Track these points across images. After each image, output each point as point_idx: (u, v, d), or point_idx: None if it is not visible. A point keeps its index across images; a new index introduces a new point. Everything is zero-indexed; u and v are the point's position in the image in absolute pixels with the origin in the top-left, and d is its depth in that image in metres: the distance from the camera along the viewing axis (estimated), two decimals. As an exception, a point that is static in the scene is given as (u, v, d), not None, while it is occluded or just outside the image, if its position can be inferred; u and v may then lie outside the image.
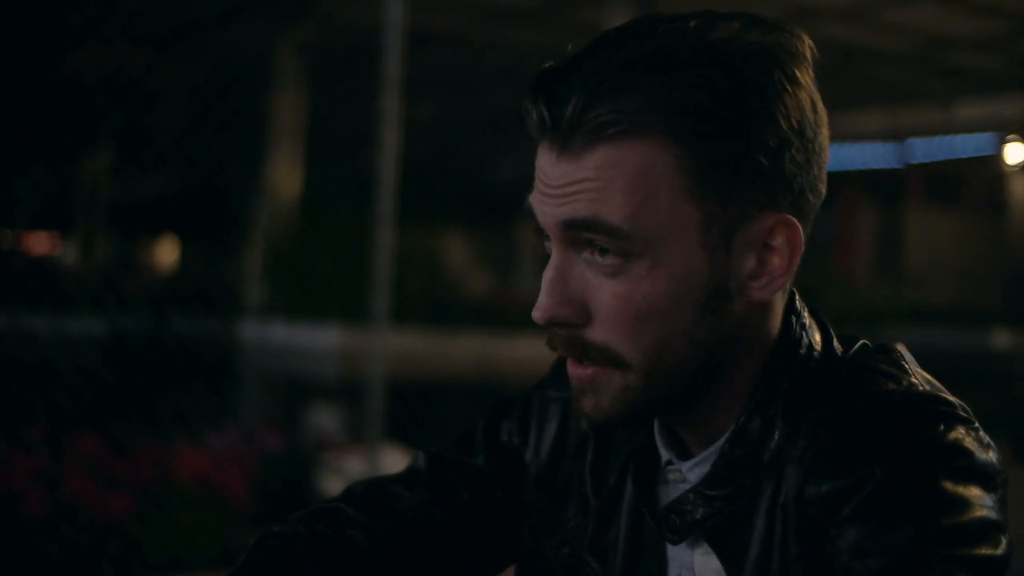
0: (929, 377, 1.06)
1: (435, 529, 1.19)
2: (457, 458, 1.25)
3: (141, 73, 6.71)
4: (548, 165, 1.01)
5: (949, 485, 0.94)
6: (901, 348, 1.09)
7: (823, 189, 1.04)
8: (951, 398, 1.02)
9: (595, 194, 0.98)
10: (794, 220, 1.01)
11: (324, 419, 6.78)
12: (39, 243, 7.79)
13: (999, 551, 0.94)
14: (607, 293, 1.00)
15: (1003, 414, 7.23)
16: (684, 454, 1.09)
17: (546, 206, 1.02)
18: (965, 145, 13.80)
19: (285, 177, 8.57)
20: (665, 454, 1.10)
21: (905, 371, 1.04)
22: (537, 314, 1.02)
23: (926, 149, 14.31)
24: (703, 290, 1.00)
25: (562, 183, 1.00)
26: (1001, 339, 10.76)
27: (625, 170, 0.97)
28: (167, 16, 8.71)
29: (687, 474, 1.07)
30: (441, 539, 1.20)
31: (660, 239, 0.98)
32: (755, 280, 1.02)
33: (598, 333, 1.01)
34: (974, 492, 0.95)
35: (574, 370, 1.04)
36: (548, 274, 1.02)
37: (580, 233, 1.00)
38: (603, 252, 0.99)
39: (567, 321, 1.01)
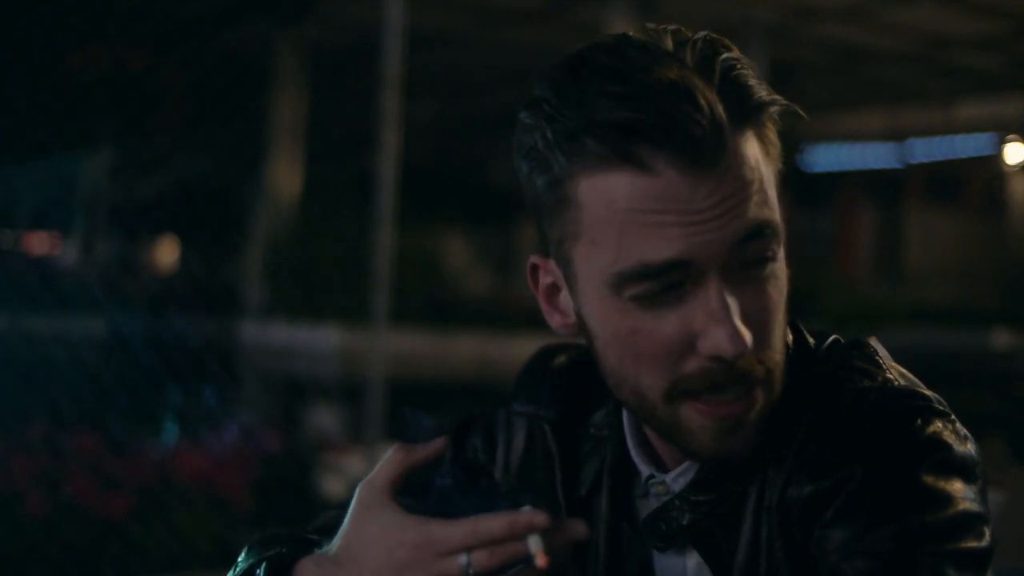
0: (904, 371, 1.05)
1: None
2: (423, 479, 1.23)
3: (141, 73, 6.71)
4: (686, 189, 0.91)
5: (930, 480, 0.94)
6: (874, 343, 1.08)
7: None
8: (926, 392, 1.01)
9: (757, 196, 0.94)
10: None
11: (324, 419, 6.78)
12: (39, 243, 7.79)
13: (983, 543, 0.94)
14: (761, 302, 0.95)
15: (1003, 414, 7.22)
16: (660, 467, 1.08)
17: (705, 234, 0.91)
18: (965, 145, 13.79)
19: (285, 177, 8.57)
20: (645, 470, 1.08)
21: (879, 366, 1.03)
22: (741, 346, 0.93)
23: (926, 149, 14.30)
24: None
25: (715, 201, 0.92)
26: (1001, 339, 10.74)
27: (759, 168, 0.95)
28: (167, 16, 8.70)
29: (672, 485, 1.06)
30: None
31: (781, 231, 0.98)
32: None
33: (759, 351, 0.96)
34: (955, 485, 0.95)
35: (732, 407, 0.96)
36: (720, 304, 0.92)
37: (748, 245, 0.94)
38: (760, 262, 0.95)
39: (752, 347, 0.95)
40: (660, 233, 0.91)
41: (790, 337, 1.06)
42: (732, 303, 0.93)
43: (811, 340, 1.08)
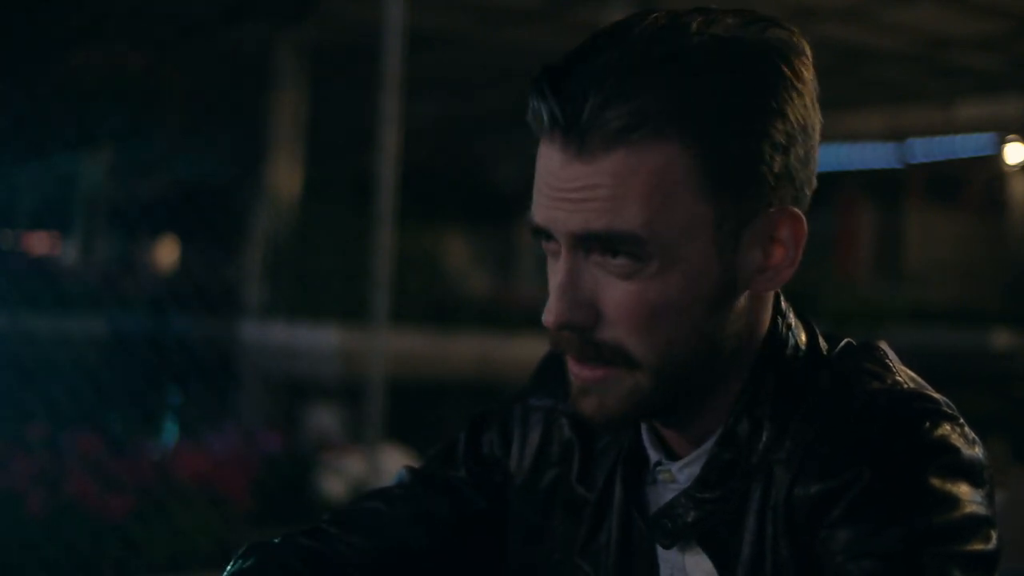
0: (913, 374, 1.06)
1: (418, 547, 1.17)
2: (438, 473, 1.24)
3: (141, 73, 6.71)
4: (558, 166, 0.98)
5: (937, 483, 0.94)
6: (884, 346, 1.08)
7: (815, 183, 1.05)
8: (935, 395, 1.01)
9: (609, 203, 0.96)
10: (799, 213, 1.02)
11: (324, 419, 6.78)
12: (39, 243, 7.79)
13: (990, 546, 0.94)
14: (620, 292, 0.98)
15: (1003, 414, 7.22)
16: (671, 455, 1.09)
17: (557, 211, 0.99)
18: (965, 145, 13.78)
19: (285, 177, 8.57)
20: (654, 455, 1.10)
21: (889, 369, 1.04)
22: (550, 319, 1.00)
23: (926, 149, 14.29)
24: (713, 287, 0.99)
25: (575, 187, 0.97)
26: (1001, 339, 10.74)
27: (643, 176, 0.96)
28: (167, 16, 8.70)
29: (677, 475, 1.07)
30: (425, 557, 1.18)
31: (675, 241, 0.97)
32: (761, 274, 1.02)
33: (610, 333, 0.99)
34: (962, 488, 0.95)
35: (580, 371, 1.02)
36: (558, 278, 1.00)
37: (598, 243, 0.98)
38: (614, 254, 0.98)
39: (579, 325, 1.00)
40: (538, 198, 1.01)
41: (803, 338, 1.07)
42: (567, 279, 1.00)
43: (824, 343, 1.08)
